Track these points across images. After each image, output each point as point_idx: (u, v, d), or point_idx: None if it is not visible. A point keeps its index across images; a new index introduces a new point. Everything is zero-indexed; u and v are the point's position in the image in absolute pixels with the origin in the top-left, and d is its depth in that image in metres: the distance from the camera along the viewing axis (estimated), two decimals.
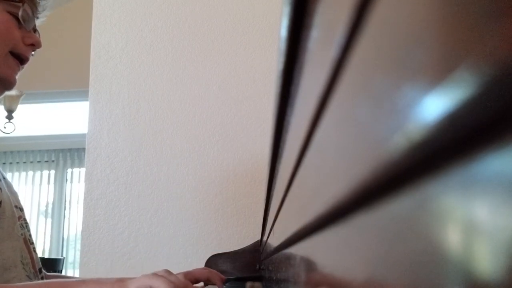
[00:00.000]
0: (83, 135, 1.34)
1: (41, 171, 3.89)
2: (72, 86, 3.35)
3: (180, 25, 1.35)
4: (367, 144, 0.12)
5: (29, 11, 0.79)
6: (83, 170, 3.53)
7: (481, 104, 0.07)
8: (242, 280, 0.94)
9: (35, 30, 0.83)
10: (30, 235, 0.81)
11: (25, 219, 0.82)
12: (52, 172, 3.89)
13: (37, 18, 0.83)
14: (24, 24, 0.78)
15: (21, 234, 0.77)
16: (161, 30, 1.35)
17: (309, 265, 0.24)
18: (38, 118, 3.72)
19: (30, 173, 3.86)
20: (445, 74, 0.07)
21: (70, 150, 3.88)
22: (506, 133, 0.06)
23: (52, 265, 2.56)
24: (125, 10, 1.36)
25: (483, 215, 0.07)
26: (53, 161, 3.90)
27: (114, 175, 1.27)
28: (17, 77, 0.78)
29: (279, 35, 0.22)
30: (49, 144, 3.83)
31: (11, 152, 3.82)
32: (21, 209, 0.82)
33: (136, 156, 1.28)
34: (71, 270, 3.66)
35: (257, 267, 0.98)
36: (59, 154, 3.89)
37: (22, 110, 3.31)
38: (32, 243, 0.80)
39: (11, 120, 3.19)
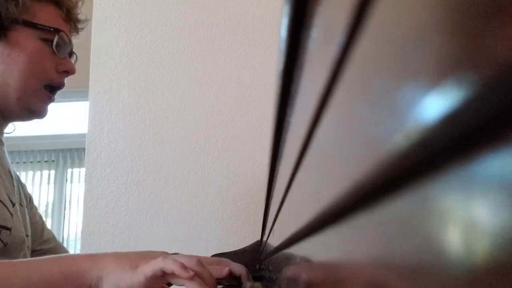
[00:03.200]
0: (83, 135, 1.34)
1: (41, 171, 3.88)
2: (72, 86, 3.35)
3: (180, 25, 1.35)
4: (367, 144, 0.12)
5: (65, 38, 0.77)
6: (83, 170, 3.53)
7: (481, 104, 0.07)
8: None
9: (70, 54, 0.81)
10: None
11: (30, 245, 0.80)
12: (52, 172, 3.89)
13: (78, 34, 0.81)
14: (58, 52, 0.76)
15: None
16: (161, 30, 1.35)
17: (309, 265, 0.24)
18: None
19: (30, 173, 3.85)
20: (445, 74, 0.07)
21: (70, 150, 3.87)
22: (506, 133, 0.06)
23: None
24: (125, 10, 1.36)
25: (483, 215, 0.07)
26: (53, 161, 3.89)
27: (114, 175, 1.27)
28: (48, 107, 0.78)
29: (279, 35, 0.22)
30: (49, 144, 3.83)
31: (11, 152, 3.81)
32: (27, 235, 0.79)
33: (136, 156, 1.28)
34: None
35: (257, 267, 0.98)
36: (59, 154, 3.89)
37: None
38: None
39: None
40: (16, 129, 0.89)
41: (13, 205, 0.75)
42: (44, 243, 0.88)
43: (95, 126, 1.30)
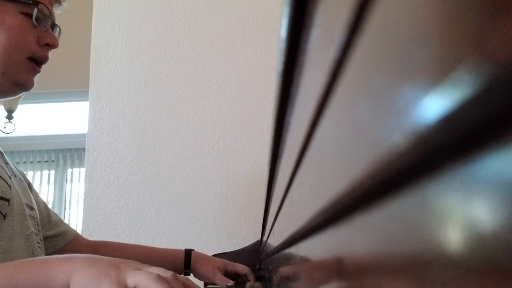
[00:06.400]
0: (83, 135, 1.34)
1: (41, 171, 3.89)
2: (72, 86, 3.35)
3: (180, 25, 1.35)
4: (367, 144, 0.12)
5: (45, 10, 0.76)
6: (83, 170, 3.53)
7: (481, 104, 0.07)
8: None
9: (53, 26, 0.80)
10: (38, 235, 0.79)
11: (36, 218, 0.80)
12: (52, 172, 3.89)
13: (60, 5, 0.81)
14: (39, 25, 0.75)
15: (31, 232, 0.75)
16: (161, 30, 1.35)
17: (309, 265, 0.24)
18: (38, 118, 3.71)
19: (30, 173, 3.85)
20: (445, 74, 0.07)
21: (70, 150, 3.88)
22: (506, 133, 0.06)
23: None
24: (125, 10, 1.36)
25: (483, 215, 0.07)
26: (53, 161, 3.89)
27: (114, 175, 1.27)
28: (35, 79, 0.77)
29: (279, 35, 0.22)
30: (49, 144, 3.83)
31: (11, 152, 3.82)
32: (32, 208, 0.80)
33: (136, 156, 1.28)
34: None
35: (257, 267, 0.98)
36: (59, 154, 3.89)
37: (22, 110, 3.30)
38: (39, 242, 0.79)
39: (11, 120, 3.19)
40: (16, 129, 0.88)
41: (10, 177, 0.75)
42: (53, 227, 0.89)
43: (95, 126, 1.30)
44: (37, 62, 0.77)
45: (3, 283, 0.49)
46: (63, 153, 3.89)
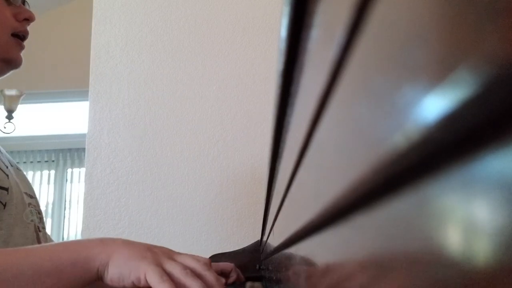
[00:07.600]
0: (83, 135, 1.34)
1: (41, 171, 3.89)
2: (72, 86, 3.35)
3: (180, 25, 1.35)
4: (367, 144, 0.12)
5: None
6: (83, 170, 3.54)
7: (481, 104, 0.07)
8: None
9: (24, 2, 0.82)
10: (40, 222, 0.79)
11: (36, 206, 0.80)
12: (52, 172, 3.89)
13: None
14: (12, 1, 0.77)
15: (31, 221, 0.75)
16: (161, 30, 1.35)
17: (309, 265, 0.24)
18: (38, 118, 3.72)
19: (30, 173, 3.86)
20: (445, 74, 0.07)
21: (70, 150, 3.88)
22: (506, 133, 0.06)
23: None
24: (125, 10, 1.36)
25: (483, 215, 0.07)
26: (53, 161, 3.90)
27: (114, 175, 1.27)
28: (21, 54, 0.79)
29: (279, 35, 0.22)
30: (49, 144, 3.83)
31: (11, 152, 3.82)
32: (31, 196, 0.81)
33: (136, 156, 1.28)
34: None
35: (257, 267, 0.98)
36: (59, 154, 3.89)
37: (22, 110, 3.31)
38: (41, 231, 0.79)
39: (11, 120, 3.19)
40: (16, 129, 0.88)
41: (7, 166, 0.76)
42: None
43: (95, 126, 1.30)
44: (20, 37, 0.78)
45: (46, 259, 0.51)
46: (63, 153, 3.89)
